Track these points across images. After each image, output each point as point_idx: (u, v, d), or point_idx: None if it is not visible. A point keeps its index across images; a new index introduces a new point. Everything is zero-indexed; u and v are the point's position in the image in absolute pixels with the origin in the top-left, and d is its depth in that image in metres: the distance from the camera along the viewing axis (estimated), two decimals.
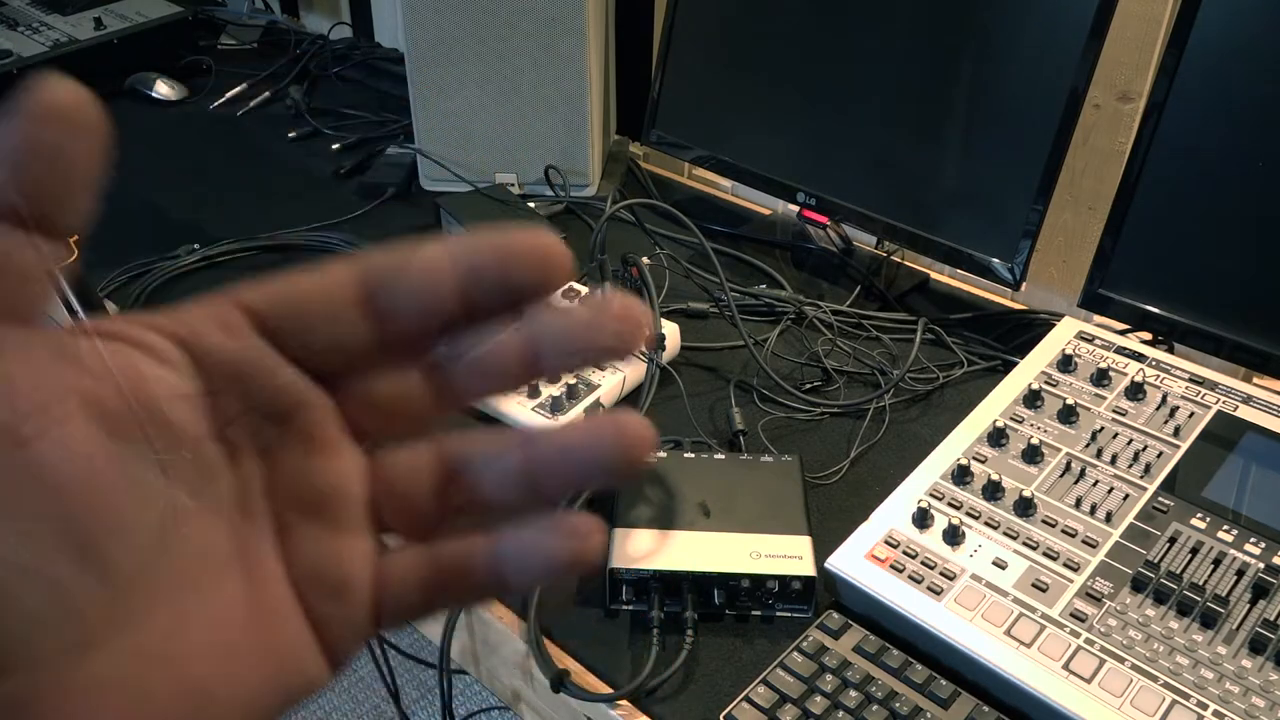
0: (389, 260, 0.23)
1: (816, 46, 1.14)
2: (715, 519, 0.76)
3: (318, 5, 2.00)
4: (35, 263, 0.20)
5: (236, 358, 0.22)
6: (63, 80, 0.20)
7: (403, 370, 0.24)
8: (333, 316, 0.23)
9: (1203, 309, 0.89)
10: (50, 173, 0.20)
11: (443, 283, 0.23)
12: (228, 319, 0.23)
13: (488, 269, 0.23)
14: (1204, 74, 0.86)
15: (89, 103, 0.20)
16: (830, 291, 1.14)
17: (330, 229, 1.25)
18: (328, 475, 0.24)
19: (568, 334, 0.24)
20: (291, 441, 0.23)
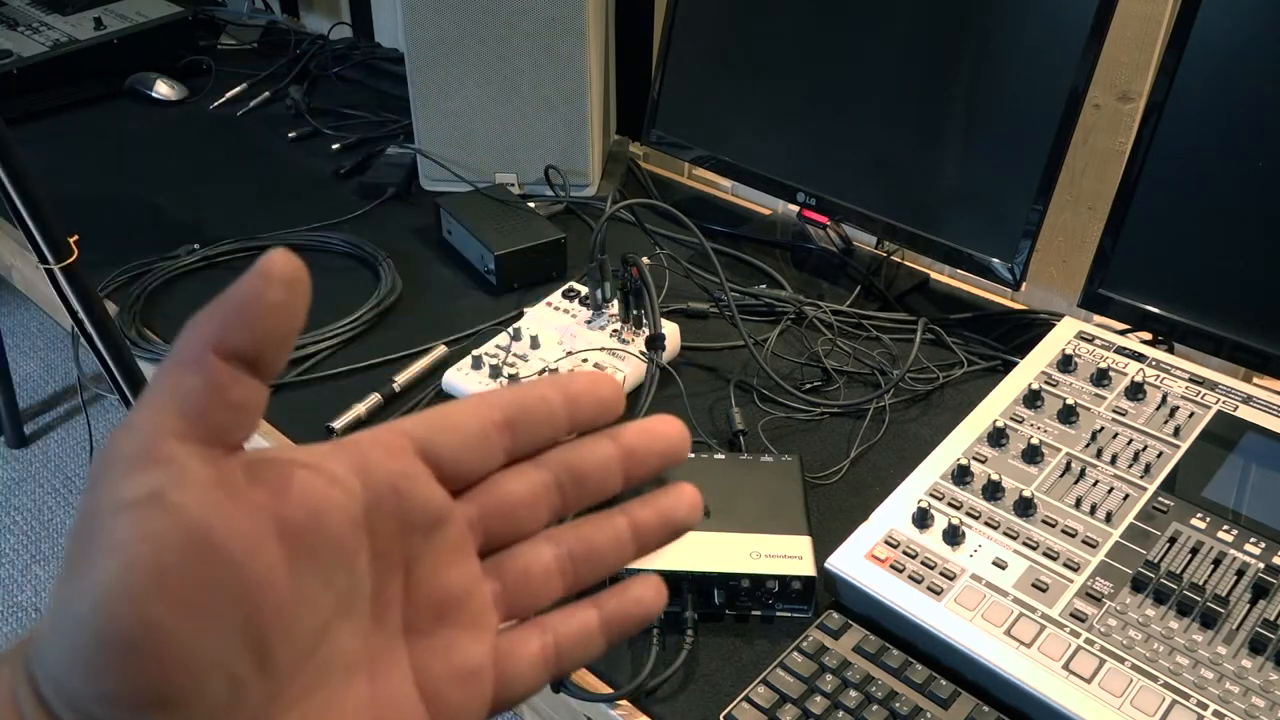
0: (516, 392, 0.29)
1: (816, 46, 1.14)
2: (715, 519, 0.76)
3: (318, 5, 2.00)
4: (247, 398, 0.24)
5: (395, 475, 0.27)
6: (285, 250, 0.24)
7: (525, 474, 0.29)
8: (477, 435, 0.28)
9: (1203, 309, 0.89)
10: (271, 324, 0.24)
11: (558, 407, 0.29)
12: (393, 444, 0.27)
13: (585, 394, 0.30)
14: (1204, 74, 0.86)
15: (303, 270, 0.24)
16: (830, 291, 1.14)
17: (330, 229, 1.25)
18: (457, 583, 0.28)
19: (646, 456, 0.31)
20: (429, 551, 0.27)
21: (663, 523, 0.31)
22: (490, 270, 1.13)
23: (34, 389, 2.41)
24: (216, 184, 1.39)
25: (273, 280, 0.23)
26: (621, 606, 0.31)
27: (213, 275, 1.18)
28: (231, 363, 0.23)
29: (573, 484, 0.30)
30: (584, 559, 0.30)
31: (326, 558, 0.24)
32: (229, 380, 0.23)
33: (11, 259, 1.30)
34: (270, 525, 0.23)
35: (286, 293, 0.24)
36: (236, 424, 0.24)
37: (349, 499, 0.25)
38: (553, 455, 0.30)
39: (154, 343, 1.04)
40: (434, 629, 0.28)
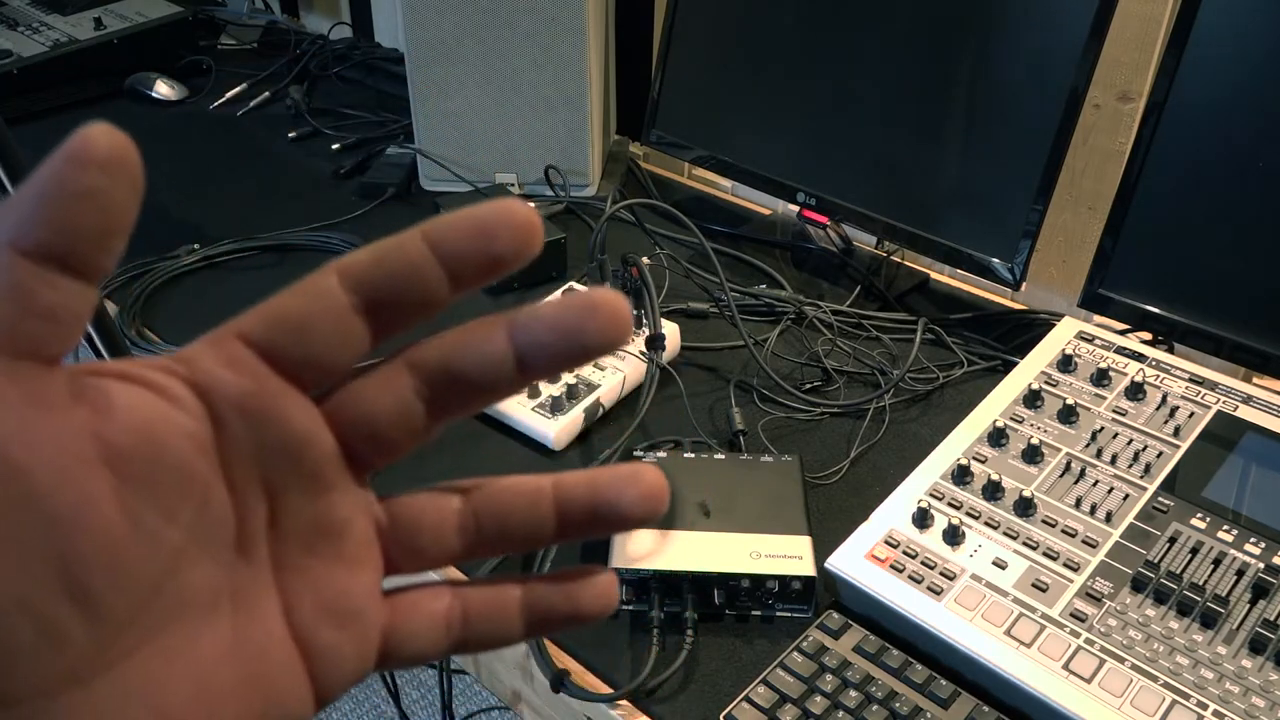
0: (371, 257, 0.23)
1: (817, 46, 1.14)
2: (715, 519, 0.76)
3: (318, 5, 2.00)
4: (61, 303, 0.20)
5: (246, 395, 0.23)
6: (104, 126, 0.20)
7: (394, 385, 0.24)
8: (332, 326, 0.23)
9: (1203, 309, 0.89)
10: (83, 215, 0.20)
11: (429, 270, 0.23)
12: (233, 353, 0.23)
13: (470, 250, 0.23)
14: (1204, 74, 0.86)
15: (128, 149, 0.20)
16: (830, 291, 1.14)
17: (330, 229, 1.25)
18: (331, 510, 0.24)
19: (555, 338, 0.24)
20: (295, 476, 0.23)
21: (594, 505, 0.25)
22: None
23: None
24: (216, 184, 1.39)
25: (85, 163, 0.19)
26: (551, 597, 0.26)
27: (213, 275, 1.18)
28: (40, 263, 0.19)
29: (451, 387, 0.24)
30: (491, 523, 0.26)
31: (166, 486, 0.21)
32: (36, 283, 0.19)
33: None
34: (92, 449, 0.20)
35: (102, 177, 0.20)
36: (50, 333, 0.20)
37: (193, 421, 0.22)
38: (428, 351, 0.25)
39: (154, 343, 1.04)
40: (306, 562, 0.24)
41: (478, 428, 0.92)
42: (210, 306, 1.12)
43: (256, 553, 0.23)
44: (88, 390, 0.21)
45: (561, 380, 0.93)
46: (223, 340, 0.23)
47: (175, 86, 1.65)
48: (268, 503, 0.23)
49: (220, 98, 1.63)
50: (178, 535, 0.21)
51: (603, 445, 0.90)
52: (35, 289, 0.20)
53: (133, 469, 0.21)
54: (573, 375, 0.93)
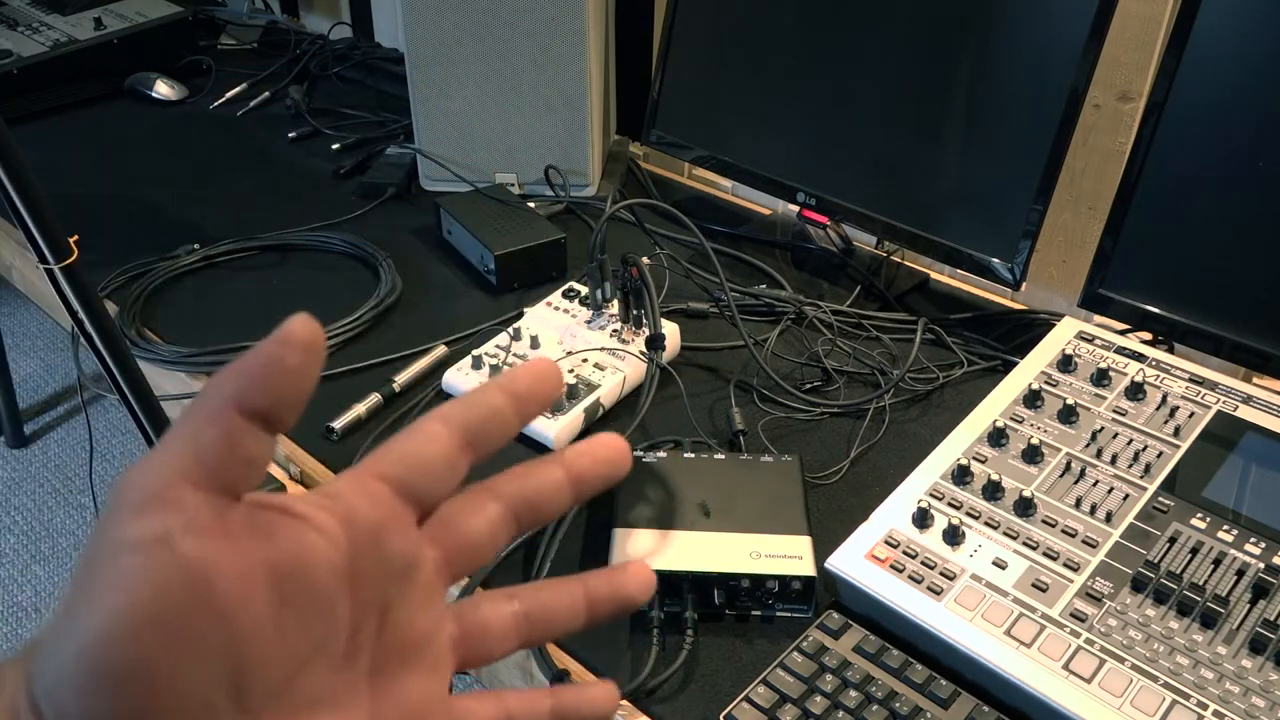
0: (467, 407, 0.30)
1: (817, 46, 1.14)
2: (715, 519, 0.76)
3: (318, 5, 2.00)
4: (258, 453, 0.26)
5: (377, 524, 0.28)
6: (307, 317, 0.26)
7: (485, 510, 0.31)
8: (447, 466, 0.30)
9: (1203, 309, 0.89)
10: (287, 387, 0.26)
11: (510, 414, 0.31)
12: (372, 489, 0.28)
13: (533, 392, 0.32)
14: (1204, 74, 0.86)
15: (320, 337, 0.26)
16: (830, 291, 1.14)
17: (330, 229, 1.25)
18: (425, 624, 0.30)
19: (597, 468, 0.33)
20: (407, 595, 0.29)
21: (614, 597, 0.33)
22: (490, 270, 1.13)
23: (34, 389, 2.41)
24: (216, 184, 1.39)
25: (293, 346, 0.25)
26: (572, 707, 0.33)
27: (213, 275, 1.18)
28: (249, 419, 0.25)
29: (527, 511, 0.32)
30: (539, 620, 0.33)
31: (309, 604, 0.26)
32: (245, 436, 0.25)
33: (11, 259, 1.30)
34: (263, 573, 0.25)
35: (304, 358, 0.26)
36: (246, 475, 0.26)
37: (334, 550, 0.27)
38: (506, 485, 0.32)
39: (154, 343, 1.04)
40: (397, 670, 0.29)
41: None
42: (210, 306, 1.12)
43: (360, 660, 0.28)
44: (261, 523, 0.26)
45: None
46: (364, 478, 0.29)
47: (175, 86, 1.65)
48: (378, 618, 0.28)
49: (220, 98, 1.64)
50: (309, 644, 0.26)
51: None
52: (244, 441, 0.25)
53: (288, 591, 0.25)
54: (572, 375, 0.93)
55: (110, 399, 2.22)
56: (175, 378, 1.03)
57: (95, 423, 2.29)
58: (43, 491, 2.14)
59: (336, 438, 0.91)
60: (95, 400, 2.33)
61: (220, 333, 1.05)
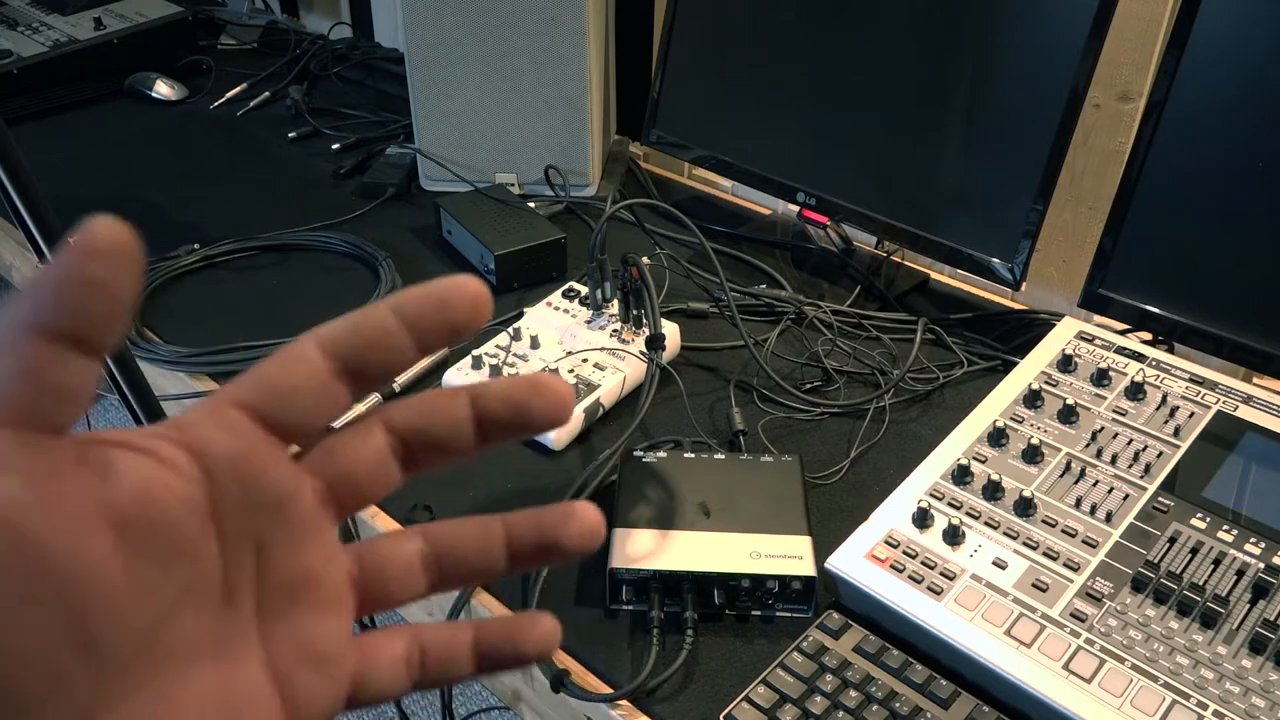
0: (349, 329, 0.27)
1: (817, 46, 1.14)
2: (715, 519, 0.76)
3: (318, 5, 2.00)
4: (71, 379, 0.22)
5: (238, 457, 0.25)
6: (108, 220, 0.23)
7: (372, 441, 0.28)
8: (316, 392, 0.26)
9: (1203, 309, 0.89)
10: (91, 301, 0.22)
11: (397, 336, 0.27)
12: (228, 418, 0.25)
13: (431, 319, 0.27)
14: (1204, 74, 0.86)
15: (130, 241, 0.23)
16: (830, 291, 1.14)
17: (330, 229, 1.25)
18: (311, 560, 0.27)
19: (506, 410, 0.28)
20: (280, 530, 0.26)
21: (542, 540, 0.29)
22: (490, 270, 1.13)
23: None
24: (216, 184, 1.39)
25: (92, 254, 0.22)
26: (499, 641, 0.29)
27: (213, 275, 1.18)
28: (53, 344, 0.22)
29: (421, 445, 0.28)
30: (449, 559, 0.29)
31: (164, 546, 0.23)
32: (47, 362, 0.22)
33: (11, 259, 1.30)
34: (98, 513, 0.22)
35: (108, 267, 0.22)
36: (61, 407, 0.22)
37: (187, 485, 0.24)
38: (400, 412, 0.28)
39: (154, 343, 1.04)
40: (287, 610, 0.26)
41: None
42: (210, 306, 1.12)
43: (242, 603, 0.26)
44: (92, 458, 0.23)
45: None
46: (218, 406, 0.26)
47: (175, 86, 1.65)
48: (254, 556, 0.26)
49: (220, 98, 1.64)
50: (171, 589, 0.23)
51: (603, 445, 0.90)
52: (48, 367, 0.22)
53: (133, 530, 0.22)
54: (573, 375, 0.93)
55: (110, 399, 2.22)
56: (175, 378, 1.03)
57: (95, 423, 2.29)
58: None
59: None
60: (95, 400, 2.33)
61: (220, 333, 1.05)
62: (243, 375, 0.26)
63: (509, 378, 0.29)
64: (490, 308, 0.28)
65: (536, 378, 0.28)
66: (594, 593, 0.75)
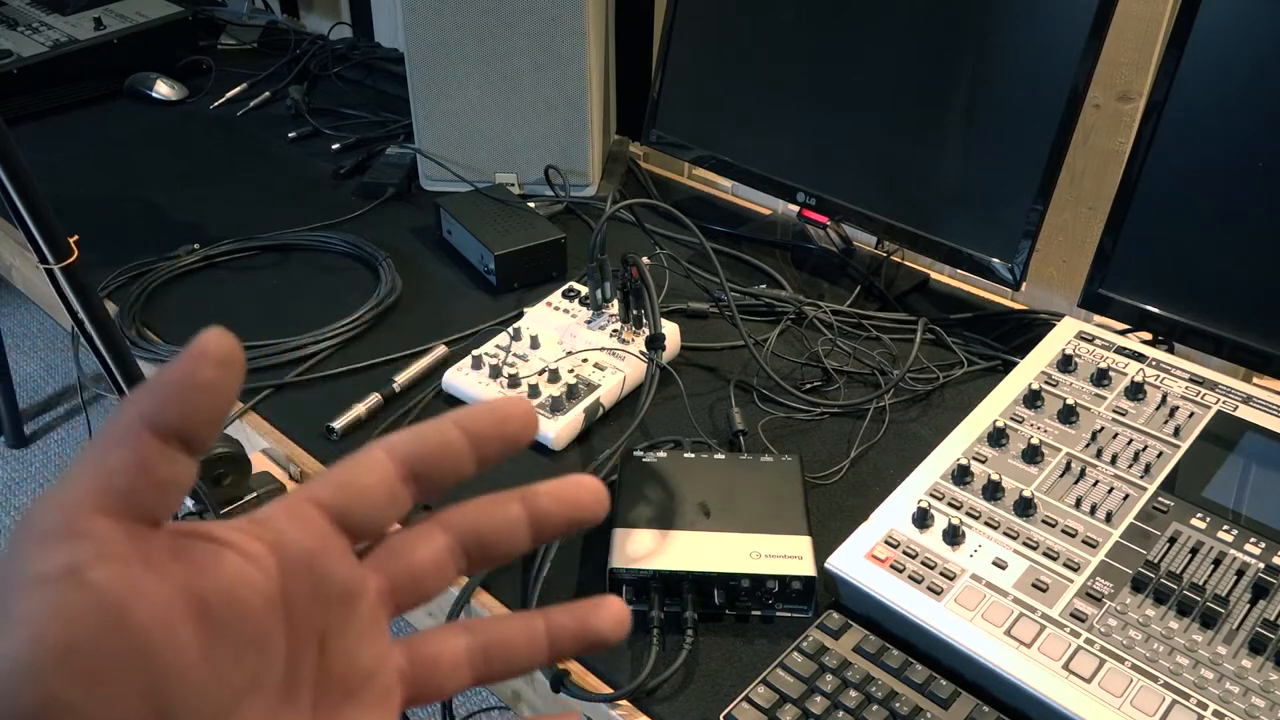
0: (416, 439, 0.29)
1: (817, 46, 1.14)
2: (715, 519, 0.76)
3: (318, 5, 2.00)
4: (175, 476, 0.24)
5: (314, 553, 0.27)
6: (221, 330, 0.24)
7: (432, 542, 0.29)
8: (386, 496, 0.28)
9: (1203, 309, 0.89)
10: (202, 403, 0.24)
11: (462, 449, 0.29)
12: (305, 515, 0.27)
13: (491, 434, 0.29)
14: (1204, 74, 0.86)
15: (239, 351, 0.24)
16: (830, 291, 1.14)
17: (330, 229, 1.25)
18: (368, 657, 0.28)
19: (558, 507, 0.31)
20: (344, 625, 0.27)
21: (581, 634, 0.31)
22: (490, 270, 1.13)
23: (34, 389, 2.41)
24: (216, 184, 1.39)
25: (207, 360, 0.24)
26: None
27: (213, 275, 1.18)
28: (163, 440, 0.24)
29: (478, 548, 0.30)
30: (496, 655, 0.31)
31: (240, 637, 0.25)
32: (159, 458, 0.24)
33: (11, 259, 1.30)
34: (187, 604, 0.24)
35: (220, 372, 0.24)
36: (163, 500, 0.24)
37: (265, 578, 0.25)
38: (458, 518, 0.30)
39: (154, 343, 1.04)
40: (341, 705, 0.28)
41: None
42: (210, 306, 1.12)
43: (301, 694, 0.27)
44: (183, 550, 0.24)
45: (561, 380, 0.93)
46: (296, 503, 0.27)
47: (175, 86, 1.65)
48: (317, 650, 0.27)
49: (220, 98, 1.64)
50: (243, 676, 0.25)
51: (603, 445, 0.90)
52: (158, 464, 0.24)
53: (216, 620, 0.24)
54: (573, 375, 0.93)
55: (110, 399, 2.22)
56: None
57: (95, 423, 2.28)
58: None
59: (336, 438, 0.91)
60: (95, 400, 2.33)
61: None
62: (319, 476, 0.28)
63: (552, 482, 0.31)
64: (533, 419, 0.30)
65: (580, 481, 0.31)
66: (594, 593, 0.75)
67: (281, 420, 0.94)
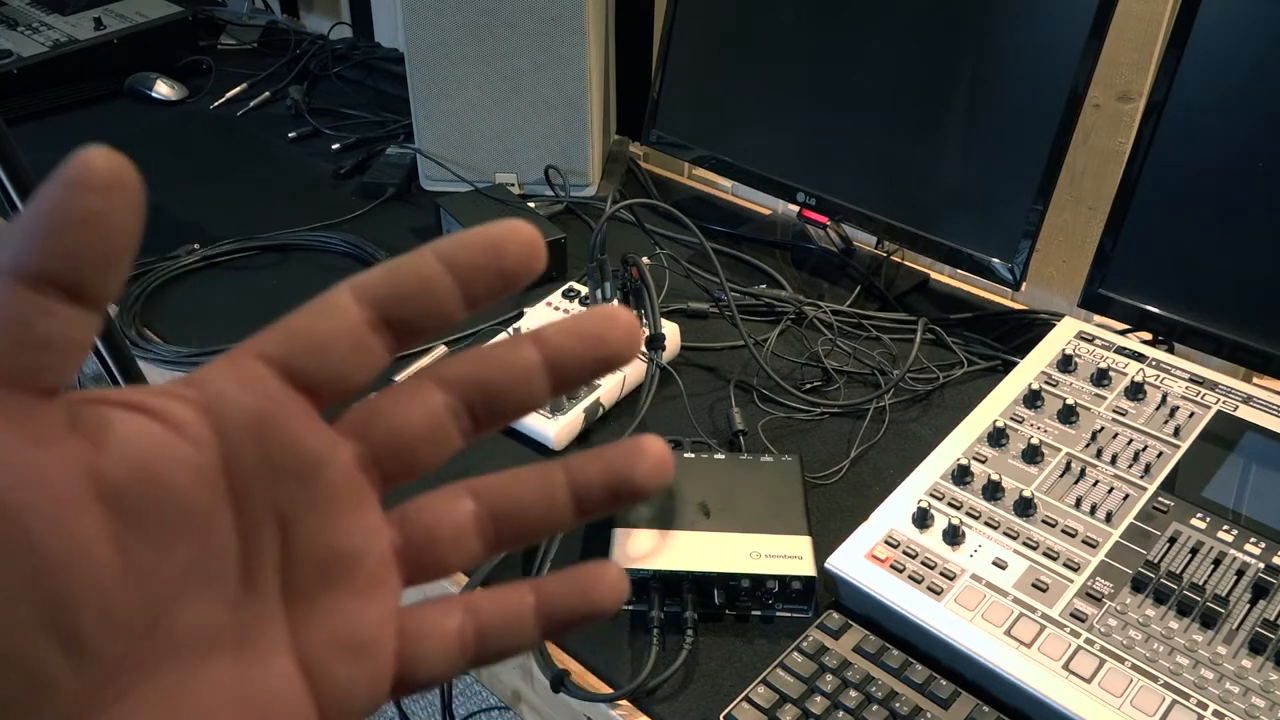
0: (388, 276, 0.23)
1: (817, 46, 1.14)
2: (715, 519, 0.76)
3: (318, 5, 2.00)
4: (59, 332, 0.19)
5: (259, 416, 0.22)
6: (101, 149, 0.19)
7: (425, 400, 0.24)
8: (350, 345, 0.23)
9: (1203, 309, 0.89)
10: (83, 240, 0.19)
11: (442, 285, 0.23)
12: (250, 372, 0.22)
13: (481, 266, 0.23)
14: (1204, 74, 0.86)
15: (126, 171, 0.20)
16: (830, 291, 1.14)
17: (330, 229, 1.25)
18: (347, 536, 0.23)
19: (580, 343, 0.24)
20: (309, 501, 0.23)
21: (614, 480, 0.25)
22: None
23: None
24: (216, 184, 1.39)
25: (85, 186, 0.19)
26: (567, 596, 0.25)
27: (213, 275, 1.18)
28: (39, 291, 0.19)
29: (484, 402, 0.24)
30: (508, 519, 0.25)
31: (165, 521, 0.20)
32: (34, 311, 0.19)
33: None
34: (86, 485, 0.19)
35: (101, 200, 0.19)
36: (48, 363, 0.19)
37: (197, 450, 0.21)
38: (458, 367, 0.24)
39: (154, 343, 1.04)
40: (319, 593, 0.23)
41: None
42: (210, 306, 1.12)
43: (265, 585, 0.22)
44: (86, 421, 0.20)
45: None
46: (239, 359, 0.22)
47: (175, 86, 1.65)
48: (280, 531, 0.22)
49: (220, 98, 1.63)
50: (174, 571, 0.20)
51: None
52: (33, 318, 0.19)
53: (128, 504, 0.20)
54: None
55: None
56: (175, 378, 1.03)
57: None
58: None
59: None
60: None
61: (220, 333, 1.05)
62: (270, 326, 0.23)
63: (575, 313, 0.25)
64: (545, 257, 0.24)
65: (607, 307, 0.25)
66: None
67: None
